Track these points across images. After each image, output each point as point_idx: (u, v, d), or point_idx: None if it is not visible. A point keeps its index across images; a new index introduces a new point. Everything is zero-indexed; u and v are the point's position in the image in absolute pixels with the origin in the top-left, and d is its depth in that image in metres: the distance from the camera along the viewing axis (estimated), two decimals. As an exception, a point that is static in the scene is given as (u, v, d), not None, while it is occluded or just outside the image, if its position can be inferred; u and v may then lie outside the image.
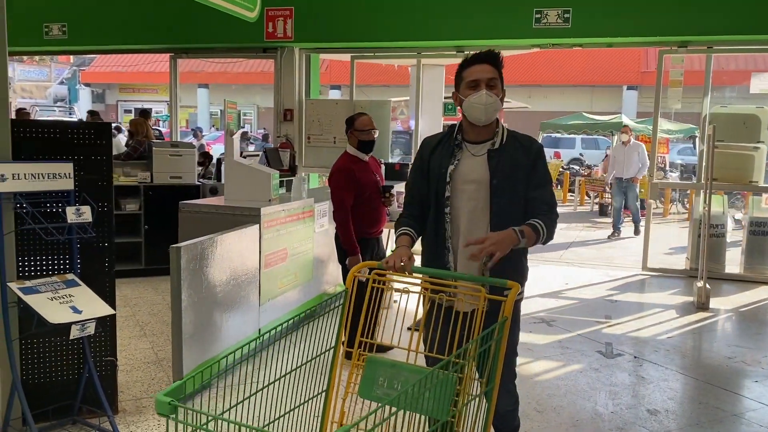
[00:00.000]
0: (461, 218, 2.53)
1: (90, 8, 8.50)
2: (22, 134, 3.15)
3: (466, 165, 2.52)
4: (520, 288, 2.13)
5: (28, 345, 3.26)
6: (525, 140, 2.57)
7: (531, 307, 6.00)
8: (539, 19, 6.95)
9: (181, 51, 8.84)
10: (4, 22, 2.93)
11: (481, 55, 2.49)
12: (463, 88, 2.48)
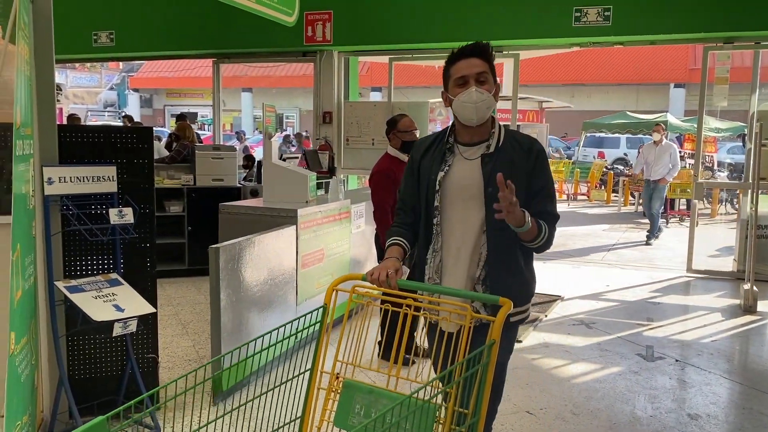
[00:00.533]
0: (452, 230, 2.29)
1: (136, 16, 8.76)
2: (69, 139, 3.28)
3: (458, 171, 2.28)
4: (512, 306, 1.89)
5: (73, 342, 3.40)
6: (525, 141, 2.30)
7: (570, 309, 5.93)
8: (579, 17, 6.86)
9: (223, 56, 9.02)
10: (51, 31, 3.05)
11: (468, 48, 2.24)
12: (452, 87, 2.24)
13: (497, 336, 1.81)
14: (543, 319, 5.59)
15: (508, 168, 2.17)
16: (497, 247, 2.23)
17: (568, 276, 7.24)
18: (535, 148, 2.27)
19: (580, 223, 11.79)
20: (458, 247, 2.27)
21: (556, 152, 19.24)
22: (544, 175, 2.28)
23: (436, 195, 2.27)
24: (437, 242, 2.29)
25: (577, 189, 15.76)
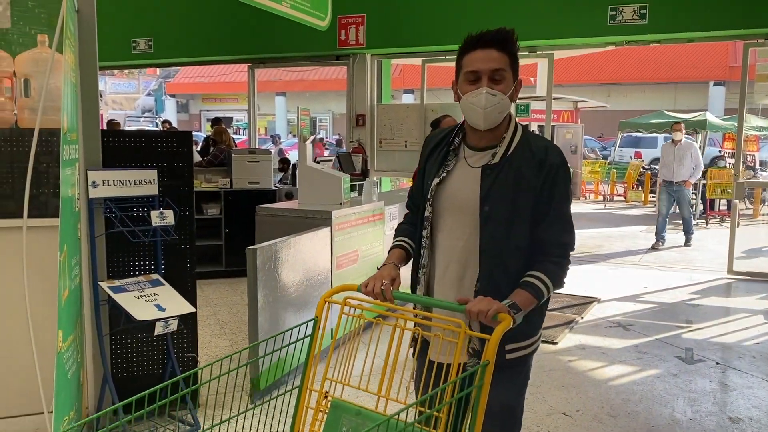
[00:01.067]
0: (441, 245, 1.97)
1: (173, 23, 8.95)
2: (111, 143, 3.38)
3: (457, 179, 1.93)
4: (511, 322, 1.62)
5: (116, 341, 3.50)
6: (540, 150, 1.87)
7: (607, 311, 5.86)
8: (614, 16, 6.79)
9: (258, 61, 9.16)
10: (95, 40, 3.15)
11: (488, 36, 1.83)
12: (462, 81, 1.88)
13: (491, 356, 1.56)
14: (579, 321, 5.53)
15: (512, 184, 1.83)
16: (492, 275, 1.87)
17: (604, 278, 7.15)
18: (549, 160, 1.85)
19: (616, 224, 11.63)
20: (445, 266, 1.96)
21: (592, 152, 19.00)
22: (555, 197, 1.86)
23: (428, 204, 1.96)
24: (424, 257, 1.99)
25: (614, 190, 15.54)
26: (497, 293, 1.81)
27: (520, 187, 1.83)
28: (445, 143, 2.01)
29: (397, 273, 1.94)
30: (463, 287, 1.92)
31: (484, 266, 1.88)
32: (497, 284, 1.86)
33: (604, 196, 15.29)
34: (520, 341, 1.94)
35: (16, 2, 4.65)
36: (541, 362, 4.52)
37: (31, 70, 3.31)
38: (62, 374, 2.53)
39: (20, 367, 2.99)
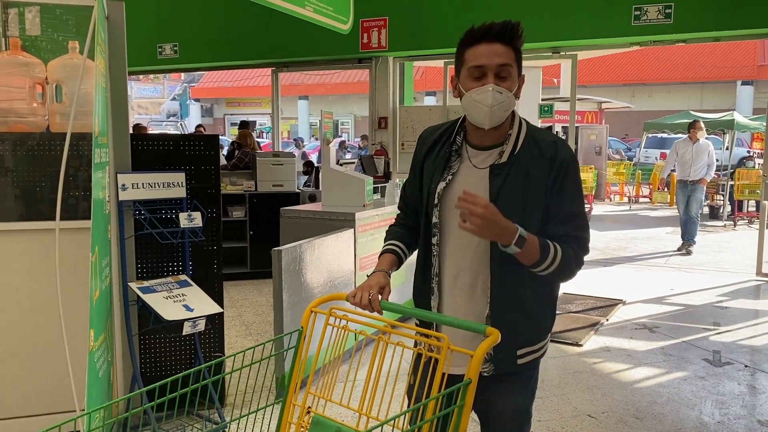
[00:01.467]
0: (452, 253, 1.86)
1: (198, 29, 9.07)
2: (140, 147, 3.45)
3: (463, 182, 1.82)
4: (498, 337, 1.49)
5: (145, 340, 3.56)
6: (548, 146, 1.78)
7: (632, 313, 5.81)
8: (638, 16, 6.73)
9: (282, 65, 9.24)
10: (124, 46, 3.22)
11: (494, 29, 1.73)
12: (465, 76, 1.76)
13: (473, 374, 1.42)
14: (604, 323, 5.49)
15: (522, 183, 1.75)
16: (504, 280, 1.79)
17: (629, 280, 7.08)
18: (560, 156, 1.76)
19: (642, 225, 11.50)
20: (455, 274, 1.86)
21: (617, 154, 18.81)
22: (566, 194, 1.77)
23: (435, 210, 1.84)
24: (435, 267, 1.88)
25: (639, 191, 15.37)
26: (511, 300, 1.79)
27: (530, 186, 1.75)
28: (444, 143, 1.89)
29: (387, 281, 1.84)
30: (476, 295, 1.83)
31: (496, 272, 1.79)
32: (511, 290, 1.79)
33: (629, 198, 15.13)
34: (533, 345, 1.87)
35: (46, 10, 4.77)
36: (565, 364, 4.50)
37: (63, 75, 3.39)
38: (93, 373, 2.59)
39: (52, 366, 3.07)
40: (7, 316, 3.12)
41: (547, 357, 4.85)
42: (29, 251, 3.12)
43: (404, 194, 2.07)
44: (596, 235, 10.39)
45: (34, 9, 5.34)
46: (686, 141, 8.86)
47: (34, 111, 3.40)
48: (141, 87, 29.51)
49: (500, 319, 1.78)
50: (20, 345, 3.16)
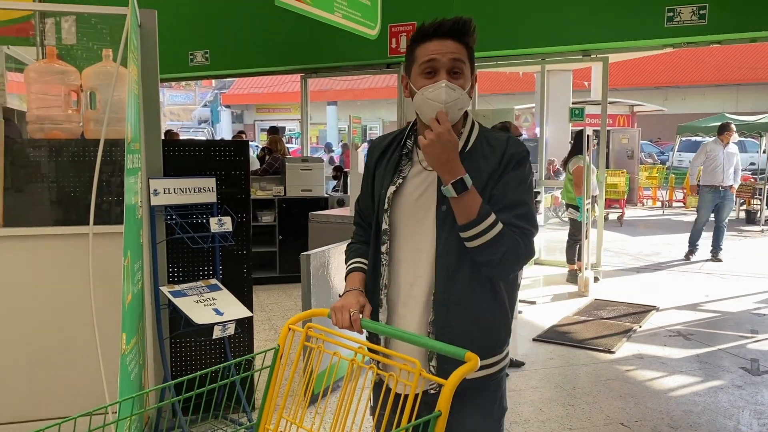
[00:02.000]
0: (404, 261, 1.74)
1: (229, 36, 9.17)
2: (171, 153, 3.49)
3: (413, 184, 1.73)
4: (478, 363, 1.32)
5: (176, 344, 3.60)
6: (500, 143, 1.70)
7: (666, 319, 5.70)
8: (672, 17, 6.61)
9: (311, 71, 9.29)
10: (156, 53, 3.27)
11: (445, 26, 1.65)
12: (416, 74, 1.68)
13: (444, 406, 1.26)
14: (637, 329, 5.39)
15: (473, 180, 1.63)
16: (448, 279, 1.66)
17: (663, 285, 6.95)
18: (509, 151, 1.67)
19: (675, 230, 11.28)
20: (410, 283, 1.73)
21: (649, 157, 18.52)
22: (510, 183, 1.66)
23: (385, 215, 1.73)
24: (385, 276, 1.75)
25: (672, 195, 15.10)
26: (457, 304, 1.66)
27: (479, 181, 1.63)
28: (394, 148, 1.80)
29: (365, 300, 1.72)
30: (428, 303, 1.70)
31: (441, 270, 1.67)
32: (456, 291, 1.66)
33: (663, 202, 14.87)
34: (486, 358, 1.67)
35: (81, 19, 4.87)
36: (597, 371, 4.43)
37: (97, 83, 3.45)
38: (126, 376, 2.62)
39: (85, 368, 3.12)
40: (41, 318, 3.18)
41: (578, 364, 4.80)
42: (64, 255, 3.18)
43: (358, 208, 1.95)
44: (628, 240, 10.23)
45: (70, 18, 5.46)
46: (716, 144, 8.46)
47: (69, 118, 3.47)
48: (173, 94, 29.97)
49: (445, 325, 1.66)
50: (54, 347, 3.22)
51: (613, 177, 12.41)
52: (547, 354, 4.84)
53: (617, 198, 12.41)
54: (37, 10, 6.65)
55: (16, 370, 3.20)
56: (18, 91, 4.47)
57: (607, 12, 6.90)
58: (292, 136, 26.01)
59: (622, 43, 6.99)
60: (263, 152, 9.95)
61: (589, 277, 6.65)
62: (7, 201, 3.29)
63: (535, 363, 4.64)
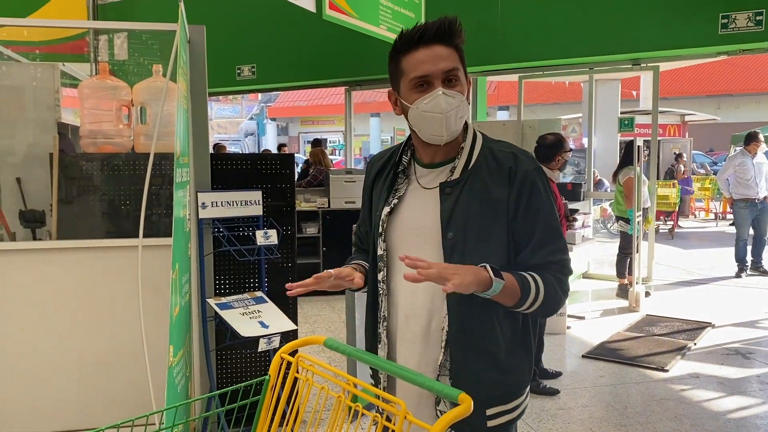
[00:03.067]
0: (401, 291, 1.57)
1: (276, 50, 9.30)
2: (219, 166, 3.53)
3: (411, 205, 1.57)
4: (471, 406, 1.13)
5: (222, 356, 3.62)
6: (505, 158, 1.51)
7: (722, 337, 5.47)
8: (726, 24, 6.41)
9: (355, 84, 9.34)
10: (205, 68, 3.32)
11: (430, 30, 1.47)
12: (406, 90, 1.51)
13: None
14: (692, 347, 5.19)
15: (478, 202, 1.48)
16: (463, 318, 1.49)
17: (718, 301, 6.69)
18: (522, 168, 1.49)
19: (730, 244, 10.88)
20: (406, 315, 1.57)
21: (701, 168, 17.98)
22: (534, 215, 1.49)
23: (380, 239, 1.59)
24: (383, 307, 1.60)
25: (726, 208, 14.60)
26: (474, 346, 1.50)
27: (489, 205, 1.48)
28: (392, 166, 1.63)
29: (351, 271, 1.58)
30: (430, 339, 1.53)
31: (454, 310, 1.49)
32: (473, 333, 1.50)
33: (716, 214, 14.40)
34: (505, 403, 1.55)
35: (133, 35, 5.00)
36: (650, 390, 4.27)
37: (147, 98, 3.53)
38: (172, 387, 2.63)
39: (134, 379, 3.15)
40: (92, 329, 3.24)
41: (630, 382, 4.65)
42: (114, 267, 3.23)
43: (357, 232, 1.81)
44: (680, 253, 9.92)
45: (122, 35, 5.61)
46: (744, 155, 8.05)
47: (120, 132, 3.55)
48: (220, 107, 30.60)
49: (461, 369, 1.50)
50: (103, 358, 3.27)
51: (664, 188, 12.09)
52: (597, 371, 4.69)
53: (668, 210, 12.07)
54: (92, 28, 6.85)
55: (67, 380, 3.26)
56: (72, 106, 4.61)
57: (657, 19, 6.73)
58: (335, 148, 26.22)
59: (673, 52, 6.80)
60: (306, 165, 10.04)
61: (640, 292, 6.45)
62: (61, 214, 3.38)
63: (585, 381, 4.50)
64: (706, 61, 8.71)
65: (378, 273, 1.60)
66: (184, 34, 2.95)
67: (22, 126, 3.79)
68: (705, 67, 17.99)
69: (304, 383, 1.43)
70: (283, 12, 8.01)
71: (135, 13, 9.41)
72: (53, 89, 3.87)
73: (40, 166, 3.68)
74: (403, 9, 5.66)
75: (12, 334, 3.18)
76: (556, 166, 4.35)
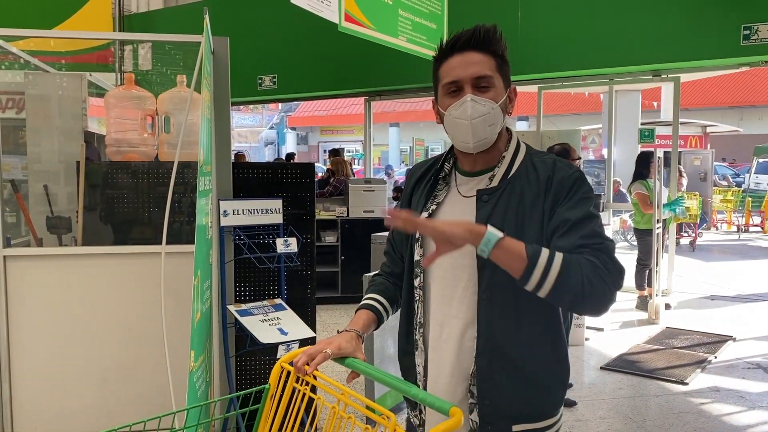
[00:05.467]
0: (436, 297, 1.57)
1: (296, 61, 9.40)
2: (240, 175, 3.58)
3: (448, 212, 1.56)
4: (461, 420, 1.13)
5: (241, 362, 3.66)
6: (546, 167, 1.49)
7: (744, 350, 5.41)
8: (748, 35, 6.36)
9: (375, 94, 9.41)
10: (228, 79, 3.38)
11: (463, 37, 1.49)
12: (441, 96, 1.53)
13: None
14: (712, 360, 5.14)
15: (515, 210, 1.45)
16: (493, 330, 1.46)
17: (740, 315, 6.61)
18: (558, 175, 1.46)
19: (753, 257, 10.76)
20: (440, 323, 1.55)
21: (724, 180, 17.79)
22: (570, 205, 1.42)
23: (416, 245, 1.59)
24: (418, 315, 1.58)
25: (749, 220, 14.42)
26: (503, 357, 1.46)
27: (525, 214, 1.45)
28: (432, 172, 1.64)
29: (354, 346, 1.51)
30: (464, 348, 1.51)
31: (484, 318, 1.46)
32: (502, 343, 1.46)
33: (739, 227, 14.22)
34: (535, 421, 1.49)
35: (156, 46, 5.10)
36: (669, 403, 4.23)
37: (171, 108, 3.60)
38: (193, 393, 2.67)
39: (154, 383, 3.20)
40: (114, 333, 3.29)
41: (649, 395, 4.62)
42: (137, 273, 3.29)
43: (391, 237, 1.78)
44: (702, 266, 9.81)
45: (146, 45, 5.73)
46: None
47: (145, 141, 3.62)
48: (241, 116, 30.88)
49: (488, 380, 1.46)
50: (125, 362, 3.32)
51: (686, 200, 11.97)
52: (616, 383, 4.66)
53: (689, 222, 11.96)
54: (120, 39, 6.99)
55: (89, 384, 3.32)
56: (97, 114, 4.71)
57: (678, 30, 6.71)
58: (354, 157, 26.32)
59: (694, 63, 6.77)
60: (327, 174, 10.10)
61: (659, 304, 6.40)
62: (86, 220, 3.45)
63: (603, 392, 4.48)
64: (728, 72, 8.64)
65: (414, 279, 1.59)
66: (208, 45, 3.02)
67: (51, 134, 3.88)
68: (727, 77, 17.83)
69: (301, 393, 1.42)
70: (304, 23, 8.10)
71: (158, 23, 9.59)
72: (80, 98, 3.96)
73: (66, 174, 3.77)
74: (425, 20, 5.70)
75: (36, 337, 3.24)
76: None
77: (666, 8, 6.64)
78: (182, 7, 10.01)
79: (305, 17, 4.88)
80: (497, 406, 1.44)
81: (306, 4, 4.11)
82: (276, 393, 1.46)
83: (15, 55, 4.23)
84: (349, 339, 1.52)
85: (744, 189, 15.84)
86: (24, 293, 3.20)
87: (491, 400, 1.42)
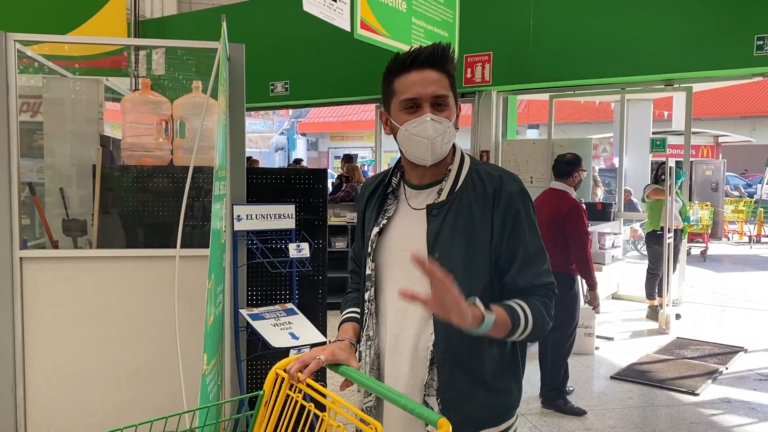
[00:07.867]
0: (388, 310, 1.60)
1: (308, 67, 9.46)
2: (254, 180, 3.61)
3: (399, 225, 1.60)
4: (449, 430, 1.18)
5: (252, 366, 3.68)
6: (491, 180, 1.54)
7: (755, 362, 5.38)
8: (761, 45, 6.35)
9: (386, 100, 9.47)
10: (243, 85, 3.42)
11: (423, 55, 1.52)
12: (396, 110, 1.56)
13: None
14: (723, 371, 5.11)
15: (464, 223, 1.51)
16: (451, 339, 1.50)
17: (751, 326, 6.57)
18: (505, 190, 1.52)
19: (764, 268, 10.69)
20: (395, 335, 1.58)
21: (735, 190, 17.69)
22: (519, 236, 1.51)
23: (368, 260, 1.61)
24: (369, 326, 1.62)
25: (761, 230, 14.33)
26: (462, 366, 1.51)
27: (474, 226, 1.51)
28: (382, 187, 1.67)
29: (347, 354, 1.53)
30: (418, 358, 1.55)
31: (439, 328, 1.50)
32: (460, 352, 1.51)
33: (750, 237, 14.13)
34: (496, 424, 1.56)
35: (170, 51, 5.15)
36: (680, 414, 4.22)
37: (186, 113, 3.64)
38: (205, 396, 2.69)
39: (166, 386, 3.23)
40: (128, 336, 3.32)
41: (659, 405, 4.61)
42: (151, 276, 3.32)
43: (353, 255, 1.82)
44: (713, 276, 9.76)
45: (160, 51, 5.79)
46: None
47: (160, 146, 3.66)
48: (251, 122, 30.97)
49: (450, 389, 1.51)
50: (138, 364, 3.35)
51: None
52: (625, 393, 4.65)
53: (700, 232, 11.90)
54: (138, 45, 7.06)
55: (102, 385, 3.34)
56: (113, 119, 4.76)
57: (690, 40, 6.70)
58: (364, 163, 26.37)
59: (707, 73, 6.76)
60: (339, 180, 10.15)
61: (670, 314, 6.37)
62: (101, 223, 3.49)
63: (613, 402, 4.46)
64: (740, 82, 8.62)
65: (366, 293, 1.63)
66: (225, 52, 3.05)
67: (67, 138, 3.92)
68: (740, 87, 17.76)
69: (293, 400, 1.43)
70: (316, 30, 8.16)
71: (172, 29, 9.67)
72: (97, 103, 4.01)
73: (79, 177, 3.82)
74: (436, 28, 5.73)
75: (51, 338, 3.28)
76: (573, 183, 4.47)
77: (679, 18, 6.64)
78: (196, 13, 10.10)
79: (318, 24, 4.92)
80: (463, 416, 1.48)
81: (319, 12, 4.14)
82: (270, 400, 1.46)
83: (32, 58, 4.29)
84: (343, 347, 1.55)
85: (756, 199, 15.73)
86: (39, 295, 3.24)
87: (456, 411, 1.46)
